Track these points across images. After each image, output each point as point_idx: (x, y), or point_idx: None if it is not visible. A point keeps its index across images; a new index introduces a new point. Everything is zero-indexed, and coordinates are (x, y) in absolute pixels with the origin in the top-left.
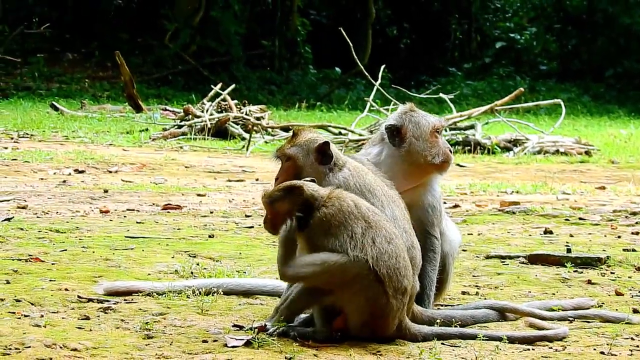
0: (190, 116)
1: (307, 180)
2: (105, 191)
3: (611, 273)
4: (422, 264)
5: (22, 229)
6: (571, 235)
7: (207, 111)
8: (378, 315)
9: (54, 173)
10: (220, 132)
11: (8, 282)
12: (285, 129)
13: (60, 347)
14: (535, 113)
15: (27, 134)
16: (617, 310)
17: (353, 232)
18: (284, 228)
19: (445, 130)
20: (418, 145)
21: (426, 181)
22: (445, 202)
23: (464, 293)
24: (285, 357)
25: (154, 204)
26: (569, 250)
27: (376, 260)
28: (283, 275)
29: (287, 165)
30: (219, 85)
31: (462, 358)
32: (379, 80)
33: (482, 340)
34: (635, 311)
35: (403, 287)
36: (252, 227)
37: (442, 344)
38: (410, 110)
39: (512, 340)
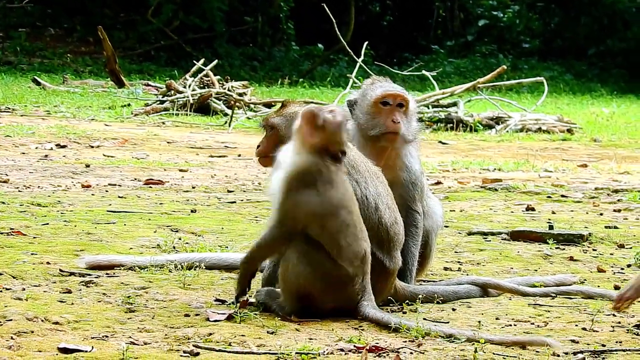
0: (172, 92)
1: None
2: (87, 166)
3: (593, 250)
4: (404, 239)
5: (3, 202)
6: (553, 213)
7: (189, 87)
8: (335, 283)
9: (36, 147)
10: (202, 107)
11: None
12: (268, 105)
13: (42, 321)
14: (517, 91)
15: (9, 108)
16: (599, 286)
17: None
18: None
19: (428, 107)
20: (361, 117)
21: (395, 157)
22: (427, 179)
23: (446, 269)
24: (268, 332)
25: (136, 179)
26: (551, 227)
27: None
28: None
29: (270, 134)
30: (202, 61)
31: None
32: (362, 57)
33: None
34: (616, 287)
35: (359, 254)
36: (234, 202)
37: (425, 319)
38: (371, 83)
39: None
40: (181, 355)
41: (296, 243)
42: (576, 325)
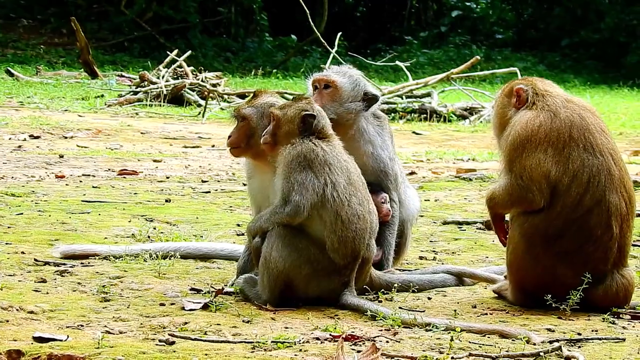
0: (146, 83)
1: None
2: (61, 156)
3: None
4: (380, 228)
5: None
6: None
7: (162, 78)
8: (320, 271)
9: (9, 138)
10: (176, 98)
11: None
12: (241, 95)
13: (17, 310)
14: (491, 81)
15: None
16: None
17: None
18: None
19: (401, 98)
20: None
21: (352, 143)
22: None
23: (421, 258)
24: (243, 321)
25: (109, 169)
26: None
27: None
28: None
29: (241, 125)
30: (175, 52)
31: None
32: (335, 48)
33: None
34: None
35: (356, 251)
36: (208, 192)
37: (400, 307)
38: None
39: None
40: (156, 344)
41: (281, 227)
42: (552, 314)
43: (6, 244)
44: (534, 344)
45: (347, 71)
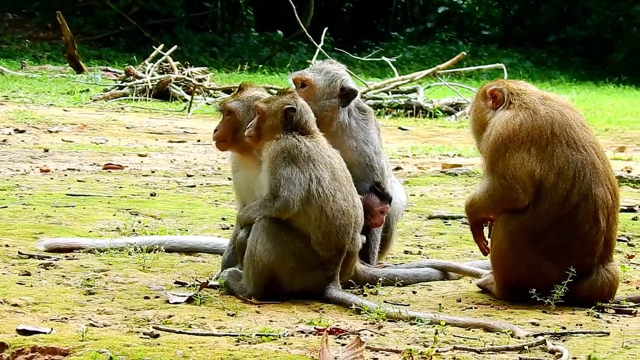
0: (131, 77)
1: None
2: (46, 150)
3: None
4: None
5: None
6: None
7: (148, 72)
8: (306, 265)
9: None
10: (161, 93)
11: None
12: (227, 90)
13: (1, 303)
14: (477, 78)
15: None
16: None
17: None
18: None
19: (387, 94)
20: None
21: (335, 139)
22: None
23: (406, 252)
24: (228, 314)
25: (95, 163)
26: None
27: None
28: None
29: (227, 118)
30: (161, 47)
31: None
32: (321, 44)
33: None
34: None
35: (340, 245)
36: (194, 186)
37: (385, 301)
38: None
39: None
40: (141, 337)
41: (266, 221)
42: (537, 308)
43: None
44: (519, 338)
45: (325, 67)
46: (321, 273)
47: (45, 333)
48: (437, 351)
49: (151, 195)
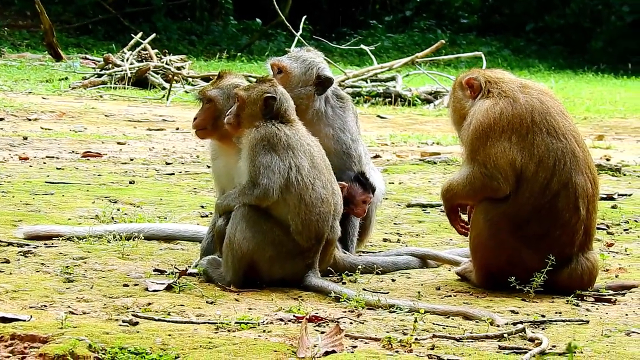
0: (110, 65)
1: None
2: (25, 138)
3: None
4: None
5: None
6: None
7: (127, 60)
8: (285, 253)
9: None
10: (140, 81)
11: None
12: (206, 78)
13: None
14: (455, 66)
15: None
16: None
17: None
18: None
19: (366, 82)
20: None
21: (319, 129)
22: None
23: (385, 240)
24: (207, 302)
25: (73, 151)
26: None
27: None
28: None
29: (207, 106)
30: (140, 35)
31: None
32: (300, 32)
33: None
34: None
35: (320, 233)
36: (172, 174)
37: (364, 289)
38: None
39: None
40: (120, 325)
41: (245, 209)
42: (516, 296)
43: None
44: (498, 326)
45: (302, 55)
46: (300, 261)
47: (24, 320)
48: (416, 339)
49: (130, 183)
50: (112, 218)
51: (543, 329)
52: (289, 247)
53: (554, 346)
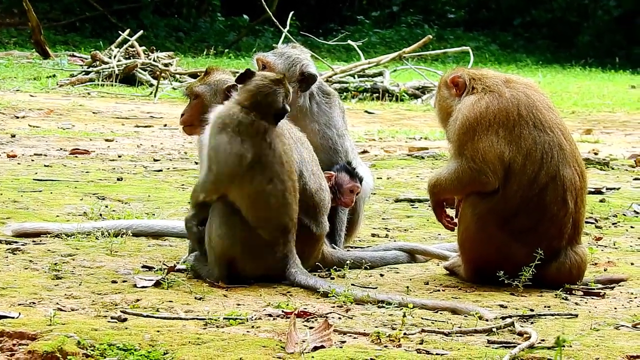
0: (97, 62)
1: None
2: (13, 136)
3: None
4: (332, 205)
5: None
6: None
7: (114, 57)
8: (254, 249)
9: None
10: (128, 78)
11: None
12: (193, 75)
13: None
14: (443, 61)
15: None
16: None
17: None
18: None
19: (353, 77)
20: None
21: (304, 124)
22: (355, 148)
23: (373, 235)
24: (195, 298)
25: (61, 148)
26: None
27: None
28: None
29: (194, 102)
30: (127, 32)
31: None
32: (287, 28)
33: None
34: None
35: (279, 227)
36: (160, 170)
37: (353, 284)
38: None
39: None
40: (108, 321)
41: (219, 206)
42: (505, 290)
43: None
44: (487, 320)
45: (286, 52)
46: (270, 255)
47: (13, 318)
48: (405, 334)
49: (118, 179)
50: (100, 215)
51: (532, 323)
52: (255, 242)
53: (542, 340)
